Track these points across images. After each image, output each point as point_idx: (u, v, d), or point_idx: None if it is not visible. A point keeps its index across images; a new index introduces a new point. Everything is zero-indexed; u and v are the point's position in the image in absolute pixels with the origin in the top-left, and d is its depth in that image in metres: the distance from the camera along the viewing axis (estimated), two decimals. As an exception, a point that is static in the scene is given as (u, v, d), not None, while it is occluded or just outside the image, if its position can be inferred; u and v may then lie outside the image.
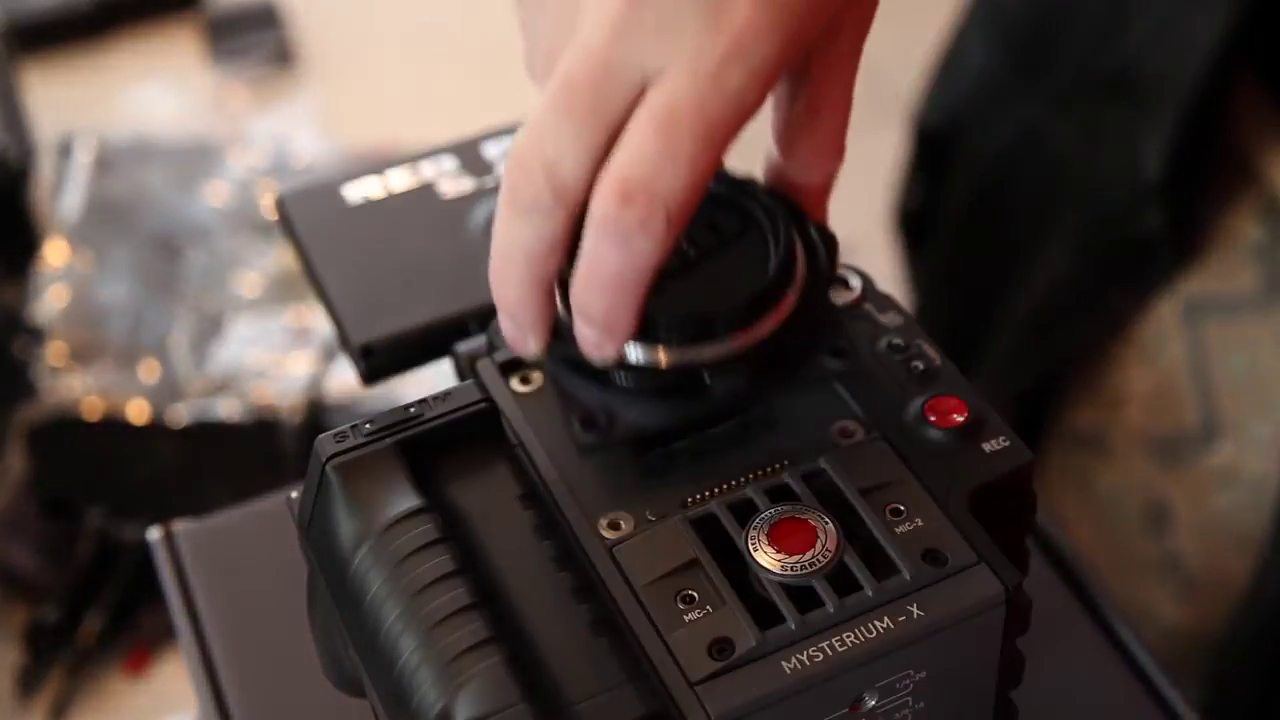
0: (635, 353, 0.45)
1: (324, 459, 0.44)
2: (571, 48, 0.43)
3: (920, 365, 0.49)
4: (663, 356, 0.45)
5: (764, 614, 0.42)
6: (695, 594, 0.43)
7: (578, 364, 0.45)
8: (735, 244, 0.47)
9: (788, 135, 0.47)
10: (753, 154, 0.49)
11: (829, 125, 0.47)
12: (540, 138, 0.42)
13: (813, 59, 0.45)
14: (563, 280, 0.45)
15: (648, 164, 0.41)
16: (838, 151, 0.47)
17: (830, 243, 0.48)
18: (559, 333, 0.45)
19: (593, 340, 0.44)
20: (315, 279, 0.60)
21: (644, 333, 0.44)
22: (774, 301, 0.45)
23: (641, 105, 0.42)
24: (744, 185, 0.48)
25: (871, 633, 0.42)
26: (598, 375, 0.45)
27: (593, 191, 0.42)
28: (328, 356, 1.03)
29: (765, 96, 0.43)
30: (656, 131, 0.41)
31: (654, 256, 0.42)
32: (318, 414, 1.00)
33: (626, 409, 0.45)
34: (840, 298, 0.51)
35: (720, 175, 0.48)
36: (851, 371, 0.48)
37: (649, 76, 0.42)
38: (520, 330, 0.45)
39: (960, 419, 0.46)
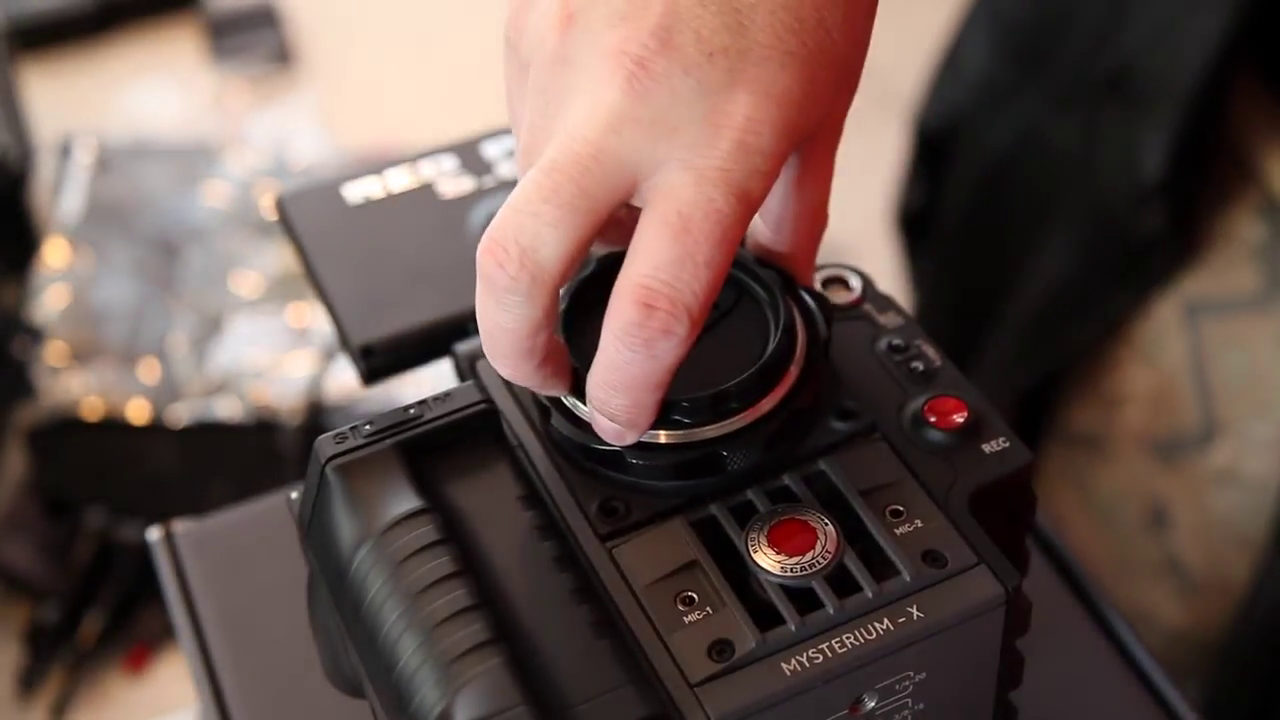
0: (652, 435, 0.45)
1: (324, 460, 0.43)
2: (560, 134, 0.42)
3: (920, 366, 0.49)
4: (680, 436, 0.45)
5: (764, 615, 0.42)
6: (695, 595, 0.43)
7: (587, 448, 0.45)
8: (733, 317, 0.47)
9: (773, 207, 0.47)
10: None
11: (814, 196, 0.47)
12: (520, 222, 0.41)
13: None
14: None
15: (667, 270, 0.41)
16: (822, 219, 0.47)
17: (825, 307, 0.48)
18: (564, 416, 0.45)
19: (614, 433, 0.44)
20: (315, 279, 0.60)
21: (660, 416, 0.44)
22: (783, 370, 0.46)
23: (649, 208, 0.41)
24: (736, 258, 0.48)
25: (871, 634, 0.42)
26: (612, 458, 0.45)
27: (610, 298, 0.42)
28: (327, 356, 1.03)
29: (770, 188, 0.42)
30: (673, 238, 0.41)
31: (678, 357, 0.42)
32: (317, 414, 1.00)
33: (643, 490, 0.45)
34: (840, 298, 0.51)
35: None
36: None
37: (642, 171, 0.42)
38: (536, 388, 0.45)
39: (960, 419, 0.46)
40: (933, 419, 0.46)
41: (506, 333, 0.42)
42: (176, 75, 1.30)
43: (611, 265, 0.46)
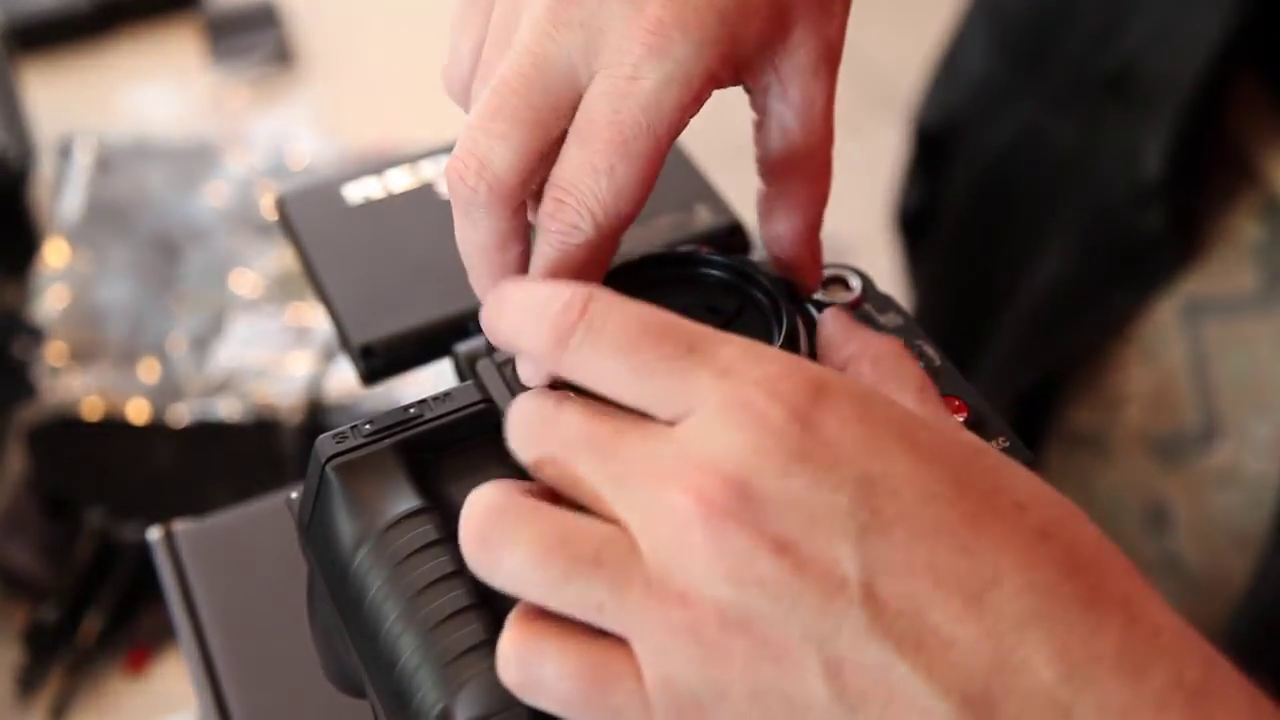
0: None
1: (324, 459, 0.44)
2: (507, 52, 0.44)
3: (920, 366, 0.48)
4: None
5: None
6: (695, 594, 0.42)
7: None
8: (736, 324, 0.47)
9: (763, 162, 0.47)
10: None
11: (802, 147, 0.46)
12: (474, 138, 0.43)
13: (775, 76, 0.45)
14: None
15: (571, 174, 0.42)
16: (814, 176, 0.47)
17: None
18: None
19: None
20: (315, 279, 0.60)
21: None
22: None
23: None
24: (739, 265, 0.48)
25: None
26: None
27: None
28: (328, 356, 1.03)
29: (688, 105, 0.43)
30: (577, 145, 0.42)
31: (586, 254, 0.43)
32: (318, 414, 1.00)
33: None
34: (840, 298, 0.51)
35: (714, 257, 0.48)
36: None
37: (581, 77, 0.43)
38: None
39: (961, 420, 0.46)
40: (933, 419, 0.46)
41: (477, 248, 0.44)
42: (176, 75, 1.30)
43: (618, 276, 0.46)
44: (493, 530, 0.38)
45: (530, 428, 0.40)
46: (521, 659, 0.37)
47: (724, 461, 0.36)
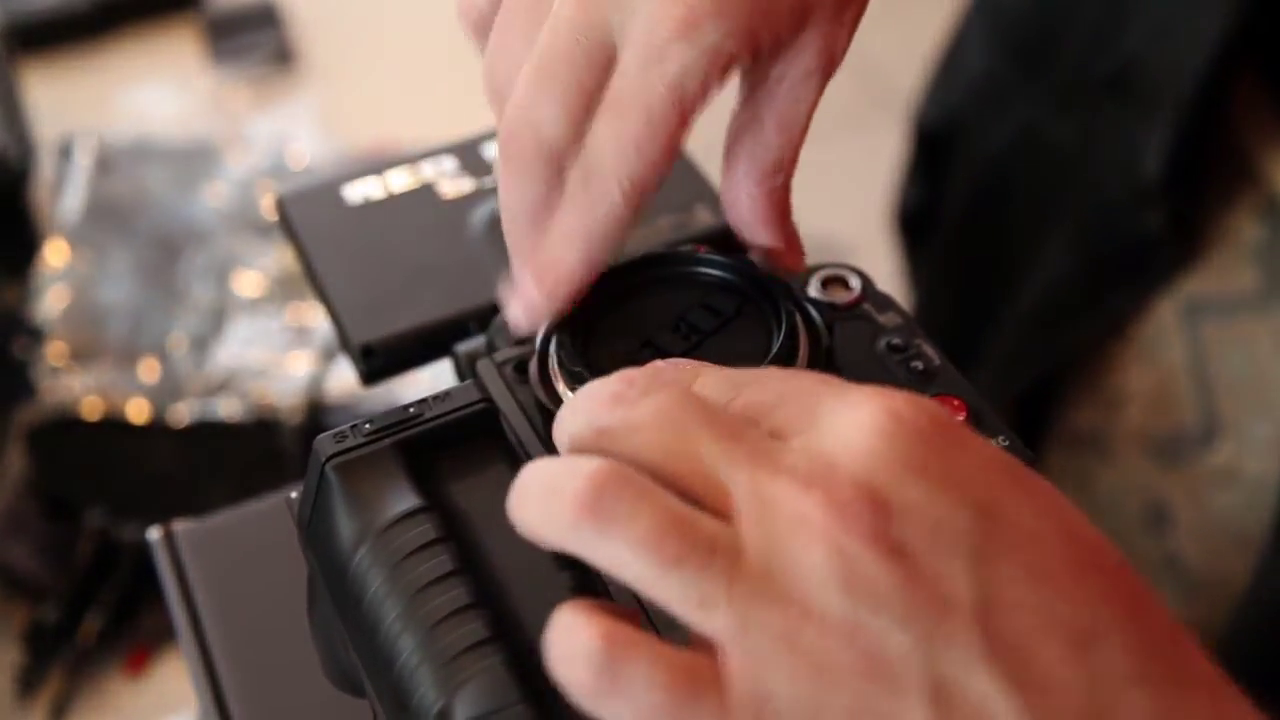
0: None
1: (323, 459, 0.44)
2: (548, 20, 0.45)
3: (920, 365, 0.49)
4: None
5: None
6: (694, 594, 0.42)
7: None
8: (735, 323, 0.47)
9: (731, 151, 0.48)
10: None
11: (774, 144, 0.47)
12: (525, 108, 0.45)
13: (773, 70, 0.46)
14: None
15: (601, 144, 0.44)
16: (777, 167, 0.47)
17: (825, 312, 0.48)
18: None
19: (528, 289, 0.46)
20: (315, 279, 0.60)
21: None
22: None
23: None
24: (739, 264, 0.48)
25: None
26: None
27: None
28: (328, 356, 1.03)
29: (713, 84, 0.44)
30: (607, 113, 0.44)
31: (610, 222, 0.45)
32: (318, 414, 1.00)
33: None
34: (840, 297, 0.51)
35: (713, 256, 0.48)
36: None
37: (618, 42, 0.44)
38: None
39: (960, 419, 0.46)
40: (933, 418, 0.46)
41: (525, 205, 0.46)
42: (176, 75, 1.30)
43: (617, 275, 0.46)
44: (606, 500, 0.35)
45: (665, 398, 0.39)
46: (609, 658, 0.34)
47: (849, 462, 0.35)
